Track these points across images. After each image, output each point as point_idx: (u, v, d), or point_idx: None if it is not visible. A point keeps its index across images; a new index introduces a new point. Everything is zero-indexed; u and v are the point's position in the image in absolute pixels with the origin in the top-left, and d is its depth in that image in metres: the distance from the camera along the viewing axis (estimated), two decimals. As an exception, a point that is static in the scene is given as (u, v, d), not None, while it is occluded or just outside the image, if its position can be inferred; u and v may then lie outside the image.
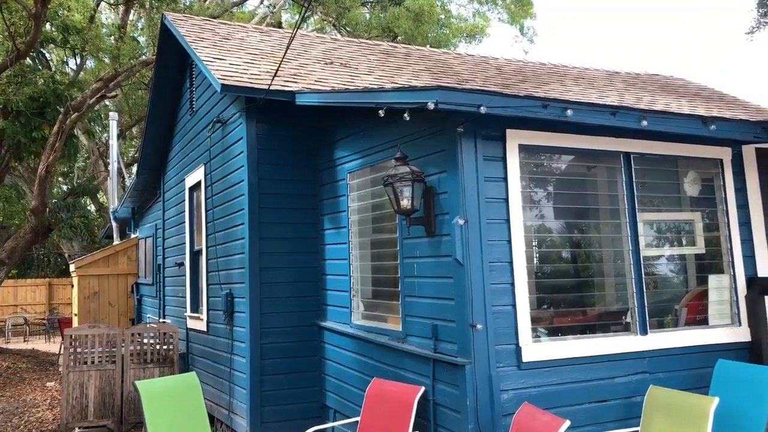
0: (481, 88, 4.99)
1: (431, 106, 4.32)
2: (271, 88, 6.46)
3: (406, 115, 4.72)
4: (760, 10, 13.04)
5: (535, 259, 5.33)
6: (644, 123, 4.94)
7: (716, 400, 4.39)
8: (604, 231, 5.52)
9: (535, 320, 4.97)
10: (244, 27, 10.05)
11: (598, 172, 5.61)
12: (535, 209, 5.35)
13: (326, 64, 8.19)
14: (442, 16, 20.71)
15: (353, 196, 6.37)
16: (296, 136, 7.12)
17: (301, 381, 6.81)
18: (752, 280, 5.70)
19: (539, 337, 5.03)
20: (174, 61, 9.56)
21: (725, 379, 5.10)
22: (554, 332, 5.15)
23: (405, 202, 4.90)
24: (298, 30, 9.94)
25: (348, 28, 19.96)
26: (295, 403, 6.74)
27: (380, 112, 4.96)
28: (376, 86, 6.81)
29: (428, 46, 16.47)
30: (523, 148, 5.07)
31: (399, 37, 19.06)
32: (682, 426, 4.47)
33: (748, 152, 5.92)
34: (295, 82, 6.90)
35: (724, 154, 5.79)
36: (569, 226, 5.58)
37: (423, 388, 4.97)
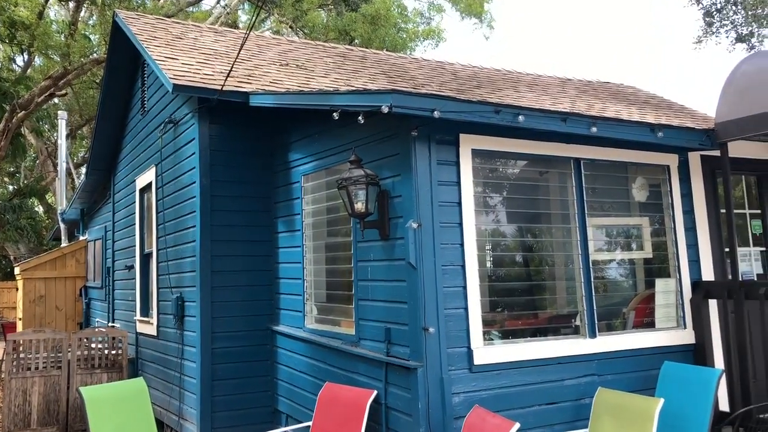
0: (435, 92, 5.02)
1: (385, 109, 4.32)
2: (225, 88, 6.38)
3: (360, 118, 4.70)
4: (707, 19, 13.47)
5: (488, 262, 5.38)
6: (594, 129, 5.04)
7: (661, 401, 4.48)
8: (555, 235, 5.60)
9: (486, 323, 5.00)
10: (198, 27, 9.90)
11: (550, 177, 5.69)
12: (488, 213, 5.40)
13: (282, 65, 8.13)
14: (399, 20, 20.78)
15: (307, 199, 6.32)
16: (250, 137, 7.04)
17: (253, 386, 6.72)
18: (697, 284, 5.85)
19: (492, 340, 5.07)
20: (125, 60, 9.37)
21: (670, 380, 5.23)
22: (506, 335, 5.20)
23: (359, 206, 4.89)
24: (254, 31, 9.84)
25: (305, 31, 19.85)
26: (246, 408, 6.65)
27: (335, 114, 4.94)
28: (331, 89, 6.78)
29: (385, 50, 16.49)
30: (477, 153, 5.11)
31: (356, 41, 19.04)
32: (629, 427, 4.55)
33: (694, 159, 6.08)
34: (249, 83, 6.83)
35: (671, 160, 5.94)
36: (521, 230, 5.65)
37: (375, 392, 4.95)
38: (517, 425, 3.86)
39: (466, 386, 4.71)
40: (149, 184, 8.52)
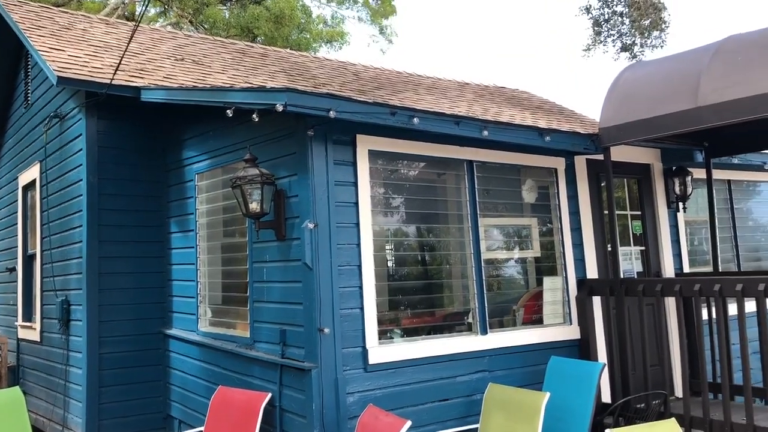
0: (331, 92, 5.01)
1: (280, 108, 4.27)
2: (115, 82, 6.11)
3: (254, 116, 4.63)
4: (595, 29, 14.20)
5: (388, 262, 5.43)
6: (485, 133, 5.19)
7: (547, 395, 4.66)
8: (450, 235, 5.72)
9: (382, 322, 5.05)
10: (89, 17, 9.44)
11: (446, 178, 5.81)
12: (386, 214, 5.44)
13: (177, 60, 7.88)
14: (303, 20, 20.61)
15: (201, 198, 6.16)
16: (142, 134, 6.79)
17: (144, 391, 6.49)
18: (582, 282, 6.14)
19: (392, 338, 5.13)
20: (7, 50, 8.78)
21: (557, 374, 5.45)
22: (401, 334, 5.25)
23: (254, 205, 4.81)
24: (150, 24, 9.46)
25: (205, 26, 19.34)
26: (137, 414, 6.41)
27: (228, 111, 4.84)
28: (227, 85, 6.63)
29: (288, 49, 16.30)
30: (374, 154, 5.15)
31: (258, 39, 18.72)
32: (517, 421, 4.71)
33: (580, 162, 6.38)
34: (141, 78, 6.57)
35: (559, 163, 6.20)
36: (419, 231, 5.73)
37: (269, 395, 4.89)
38: (409, 423, 3.90)
39: (361, 386, 4.74)
40: (33, 182, 8.04)
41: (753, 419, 4.99)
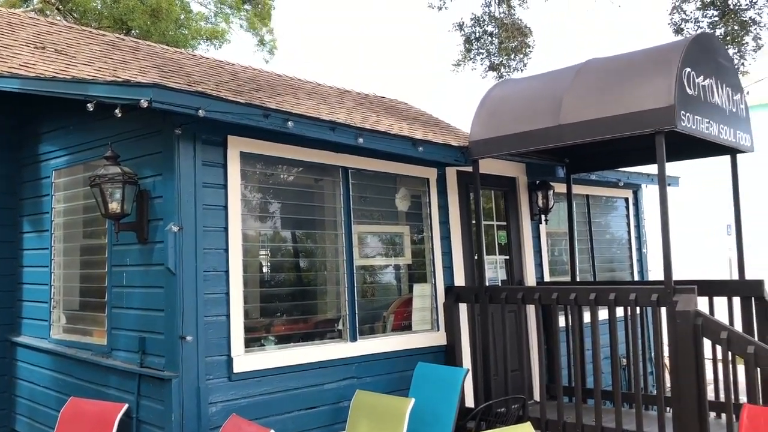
0: (200, 90, 4.84)
1: (144, 103, 4.09)
2: (-39, 67, 5.60)
3: (117, 111, 4.40)
4: (466, 46, 14.67)
5: (261, 267, 5.31)
6: (361, 140, 5.21)
7: (412, 401, 4.74)
8: (324, 241, 5.69)
9: (251, 330, 4.94)
10: (-64, -6, 8.62)
11: (322, 184, 5.78)
12: (258, 218, 5.32)
13: (37, 48, 7.34)
14: (182, 16, 19.92)
15: (59, 197, 5.77)
16: (-7, 125, 6.27)
17: (-14, 405, 5.96)
18: (450, 289, 6.30)
19: (264, 345, 5.02)
20: None
21: (423, 380, 5.55)
22: (274, 341, 5.16)
23: (114, 206, 4.56)
24: (8, 8, 8.79)
25: (75, 15, 18.24)
26: (-24, 430, 5.88)
27: (89, 105, 4.56)
28: (89, 78, 6.25)
29: (165, 44, 15.66)
30: (246, 156, 5.03)
31: (133, 32, 17.89)
32: (382, 427, 4.75)
33: (451, 174, 6.56)
34: (-6, 65, 6.07)
35: (431, 174, 6.35)
36: (293, 236, 5.66)
37: (126, 406, 4.64)
38: (272, 432, 3.83)
39: (225, 395, 4.60)
40: None
41: (601, 420, 5.32)
